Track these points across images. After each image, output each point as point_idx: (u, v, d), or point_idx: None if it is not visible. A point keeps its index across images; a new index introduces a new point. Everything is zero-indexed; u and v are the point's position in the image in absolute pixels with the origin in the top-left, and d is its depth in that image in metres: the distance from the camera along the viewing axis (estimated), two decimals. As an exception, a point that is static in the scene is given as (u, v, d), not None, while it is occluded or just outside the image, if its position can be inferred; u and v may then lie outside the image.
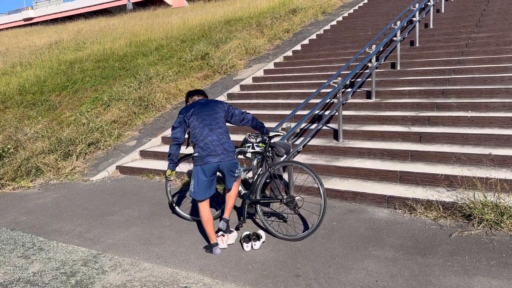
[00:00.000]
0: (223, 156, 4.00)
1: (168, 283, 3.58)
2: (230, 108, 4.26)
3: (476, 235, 3.98)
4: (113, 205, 5.71)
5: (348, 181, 5.43)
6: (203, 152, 3.97)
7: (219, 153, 3.99)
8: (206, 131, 4.01)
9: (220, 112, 4.16)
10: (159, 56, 12.01)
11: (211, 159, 3.97)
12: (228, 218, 4.27)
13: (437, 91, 7.00)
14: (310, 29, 12.65)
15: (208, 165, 3.98)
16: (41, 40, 19.41)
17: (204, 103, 4.20)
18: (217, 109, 4.16)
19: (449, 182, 4.87)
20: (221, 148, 4.00)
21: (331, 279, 3.46)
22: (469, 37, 8.86)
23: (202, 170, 4.01)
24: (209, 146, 3.97)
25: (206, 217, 4.12)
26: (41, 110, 10.10)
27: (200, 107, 4.14)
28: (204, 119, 4.06)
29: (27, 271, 4.00)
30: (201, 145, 3.99)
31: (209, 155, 3.96)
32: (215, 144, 3.99)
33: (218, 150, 3.99)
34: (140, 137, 8.26)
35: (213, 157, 3.97)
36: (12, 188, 6.87)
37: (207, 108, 4.14)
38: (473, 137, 5.57)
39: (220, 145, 4.00)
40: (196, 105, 4.18)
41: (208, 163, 3.97)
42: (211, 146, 3.97)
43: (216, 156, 3.98)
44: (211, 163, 3.97)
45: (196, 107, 4.15)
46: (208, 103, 4.21)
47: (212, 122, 4.05)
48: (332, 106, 7.21)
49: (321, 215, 4.07)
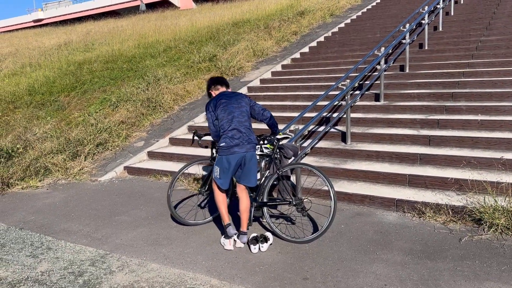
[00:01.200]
0: (249, 146, 4.15)
1: (176, 284, 3.58)
2: (252, 102, 4.39)
3: (486, 240, 3.94)
4: (121, 206, 5.72)
5: (356, 184, 5.40)
6: (231, 143, 4.10)
7: (246, 144, 4.13)
8: (235, 123, 4.14)
9: (245, 105, 4.29)
10: (167, 57, 12.06)
11: (237, 150, 4.10)
12: (246, 230, 4.27)
13: (446, 94, 6.95)
14: (318, 31, 12.63)
15: (234, 155, 4.11)
16: (50, 41, 19.57)
17: (230, 96, 4.31)
18: (242, 102, 4.29)
19: (459, 186, 4.82)
20: (247, 139, 4.15)
21: (339, 283, 3.43)
22: (479, 40, 8.79)
23: (227, 159, 4.14)
24: (237, 137, 4.10)
25: (221, 198, 4.30)
26: (50, 111, 10.17)
27: (227, 100, 4.25)
28: (232, 111, 4.18)
29: (35, 270, 4.02)
30: (230, 135, 4.12)
31: (237, 145, 4.10)
32: (243, 136, 4.13)
33: (245, 141, 4.13)
34: (148, 138, 8.28)
35: (240, 148, 4.11)
36: (21, 187, 6.91)
37: (234, 100, 4.26)
38: (483, 141, 5.52)
39: (247, 137, 4.15)
40: (223, 97, 4.28)
41: (235, 153, 4.10)
42: (239, 137, 4.11)
43: (242, 147, 4.12)
44: (238, 153, 4.10)
45: (223, 99, 4.25)
46: (234, 96, 4.32)
47: (240, 116, 4.19)
48: (340, 109, 7.18)
49: (331, 217, 4.04)
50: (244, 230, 4.24)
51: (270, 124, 4.51)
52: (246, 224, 4.26)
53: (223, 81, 4.52)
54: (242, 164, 4.18)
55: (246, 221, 4.26)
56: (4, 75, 13.95)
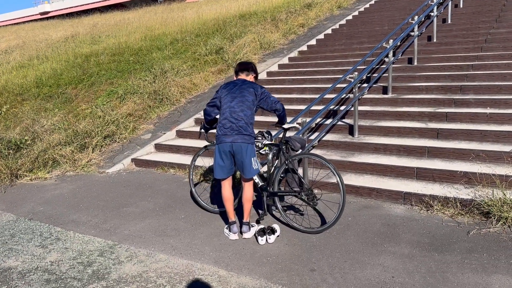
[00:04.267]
0: (237, 137, 4.01)
1: (184, 275, 3.60)
2: (264, 94, 4.19)
3: (494, 233, 3.92)
4: (129, 197, 5.76)
5: (364, 177, 5.39)
6: (219, 132, 4.09)
7: (233, 135, 4.02)
8: (227, 113, 4.07)
9: (249, 96, 4.12)
10: (173, 50, 12.05)
11: (224, 139, 4.05)
12: (248, 220, 4.30)
13: (455, 87, 6.89)
14: (326, 23, 12.55)
15: (222, 145, 4.07)
16: (57, 34, 19.61)
17: (238, 84, 4.21)
18: (246, 92, 4.13)
19: (467, 179, 4.80)
20: (237, 130, 4.02)
21: (347, 274, 3.44)
22: (488, 32, 8.69)
23: (218, 148, 4.13)
24: (227, 127, 4.04)
25: (226, 196, 4.28)
26: (57, 103, 10.23)
27: (232, 87, 4.19)
28: (230, 100, 4.11)
29: (44, 260, 4.07)
30: (221, 124, 4.10)
31: (224, 134, 4.05)
32: (232, 126, 4.03)
33: (234, 131, 4.02)
34: (155, 130, 8.31)
35: (227, 137, 4.04)
36: (29, 179, 6.98)
37: (237, 90, 4.15)
38: (491, 134, 5.48)
39: (237, 127, 4.02)
40: (230, 84, 4.24)
41: (222, 143, 4.06)
42: (228, 126, 4.04)
43: (230, 137, 4.03)
44: (224, 142, 4.05)
45: (229, 87, 4.21)
46: (242, 85, 4.19)
47: (236, 105, 4.07)
48: (347, 101, 7.15)
49: (341, 208, 4.04)
50: (246, 221, 4.27)
51: (282, 117, 4.40)
52: (248, 215, 4.28)
53: (245, 67, 4.34)
54: (233, 155, 4.11)
55: (248, 211, 4.27)
56: (11, 68, 14.03)
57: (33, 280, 3.69)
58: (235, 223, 4.26)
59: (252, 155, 4.12)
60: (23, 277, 3.75)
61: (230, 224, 4.28)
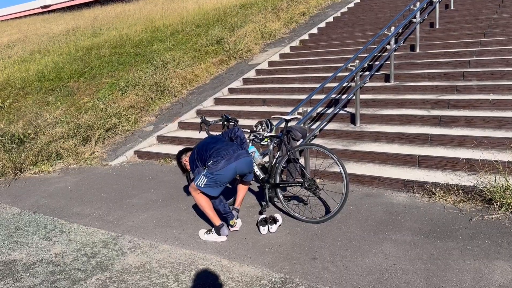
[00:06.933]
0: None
1: (186, 265, 3.63)
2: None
3: (497, 220, 3.91)
4: (132, 189, 5.79)
5: (366, 166, 5.38)
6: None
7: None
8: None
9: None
10: (174, 41, 12.00)
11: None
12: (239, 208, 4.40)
13: (457, 73, 6.83)
14: (327, 11, 12.44)
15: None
16: (58, 27, 19.57)
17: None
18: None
19: (470, 166, 4.78)
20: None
21: (348, 262, 3.45)
22: (491, 17, 8.59)
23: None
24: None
25: (206, 203, 4.03)
26: (59, 96, 10.24)
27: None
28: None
29: (49, 252, 4.11)
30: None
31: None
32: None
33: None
34: (157, 122, 8.32)
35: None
36: (33, 172, 7.02)
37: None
38: (494, 121, 5.44)
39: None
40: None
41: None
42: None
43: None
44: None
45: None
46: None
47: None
48: (349, 90, 7.12)
49: (344, 197, 4.04)
50: (238, 208, 4.37)
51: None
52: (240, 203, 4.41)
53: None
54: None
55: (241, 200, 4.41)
56: (13, 62, 14.04)
57: (38, 272, 3.73)
58: (224, 225, 4.06)
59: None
60: (28, 269, 3.79)
61: (219, 227, 4.03)
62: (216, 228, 4.05)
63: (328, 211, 4.46)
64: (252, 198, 5.05)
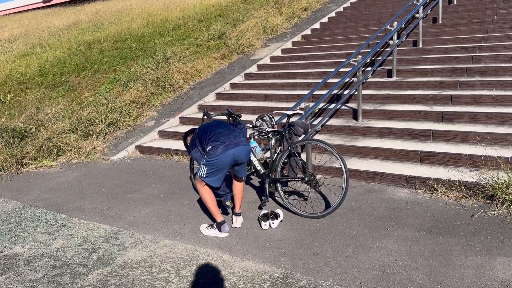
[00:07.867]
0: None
1: (188, 259, 3.63)
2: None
3: (499, 216, 3.90)
4: (133, 184, 5.78)
5: (367, 161, 5.37)
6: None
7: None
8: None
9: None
10: (176, 36, 11.96)
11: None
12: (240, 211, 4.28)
13: (460, 69, 6.80)
14: (329, 6, 12.37)
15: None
16: (59, 22, 19.53)
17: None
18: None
19: (472, 162, 4.76)
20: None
21: (350, 258, 3.45)
22: (494, 13, 8.54)
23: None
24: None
25: (210, 198, 4.05)
26: (61, 91, 10.23)
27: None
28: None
29: (50, 246, 4.11)
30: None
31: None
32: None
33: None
34: (159, 117, 8.30)
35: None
36: (34, 167, 7.02)
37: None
38: (497, 117, 5.41)
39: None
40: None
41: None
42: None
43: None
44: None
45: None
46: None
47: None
48: (351, 85, 7.09)
49: (344, 192, 4.03)
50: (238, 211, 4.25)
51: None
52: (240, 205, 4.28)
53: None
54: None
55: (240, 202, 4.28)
56: (15, 56, 14.02)
57: (39, 266, 3.74)
58: (225, 222, 4.06)
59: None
60: (29, 264, 3.80)
61: (220, 224, 4.03)
62: (217, 224, 4.04)
63: (328, 206, 4.45)
64: (253, 193, 5.04)
